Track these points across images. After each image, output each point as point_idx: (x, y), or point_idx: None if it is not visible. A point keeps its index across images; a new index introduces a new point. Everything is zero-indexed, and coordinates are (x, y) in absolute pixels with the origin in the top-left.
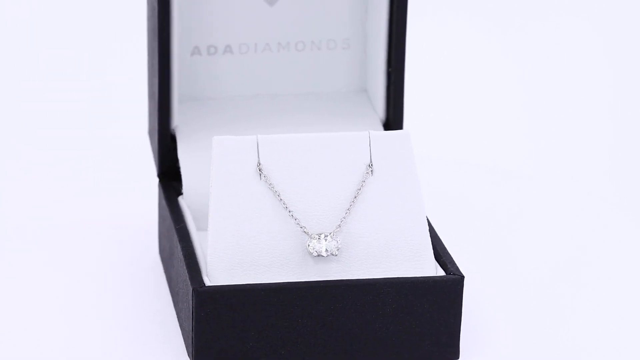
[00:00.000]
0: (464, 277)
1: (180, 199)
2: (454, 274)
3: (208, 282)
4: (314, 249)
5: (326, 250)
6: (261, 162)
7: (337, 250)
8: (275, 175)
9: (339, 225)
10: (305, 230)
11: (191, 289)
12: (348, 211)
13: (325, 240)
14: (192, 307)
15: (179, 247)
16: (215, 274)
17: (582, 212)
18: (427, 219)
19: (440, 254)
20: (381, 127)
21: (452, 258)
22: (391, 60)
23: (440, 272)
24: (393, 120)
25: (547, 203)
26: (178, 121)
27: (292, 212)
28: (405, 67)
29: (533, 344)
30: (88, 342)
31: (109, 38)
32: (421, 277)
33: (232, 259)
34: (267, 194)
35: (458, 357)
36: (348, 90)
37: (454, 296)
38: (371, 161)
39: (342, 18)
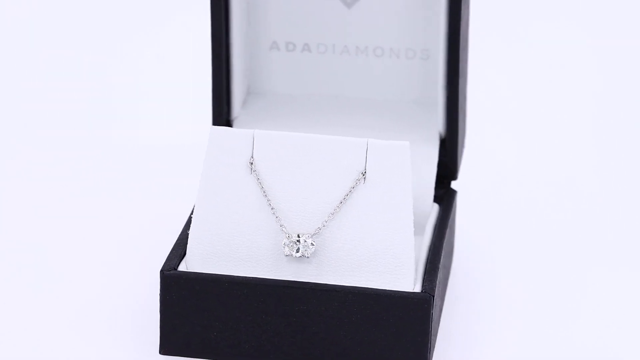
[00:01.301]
0: (432, 296)
1: None
2: (425, 292)
3: (184, 268)
4: (286, 248)
5: (298, 251)
6: (254, 157)
7: (311, 253)
8: (266, 172)
9: (319, 229)
10: (284, 229)
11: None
12: (332, 216)
13: (299, 241)
14: (159, 289)
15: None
16: (192, 261)
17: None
18: (450, 229)
19: (430, 270)
20: (437, 141)
21: (436, 276)
22: (448, 74)
23: (419, 289)
24: (448, 134)
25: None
26: (240, 112)
27: (274, 210)
28: (458, 82)
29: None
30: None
31: (109, 38)
32: (387, 290)
33: (209, 248)
34: (254, 189)
35: None
36: (423, 102)
37: (420, 314)
38: (365, 169)
39: (422, 28)
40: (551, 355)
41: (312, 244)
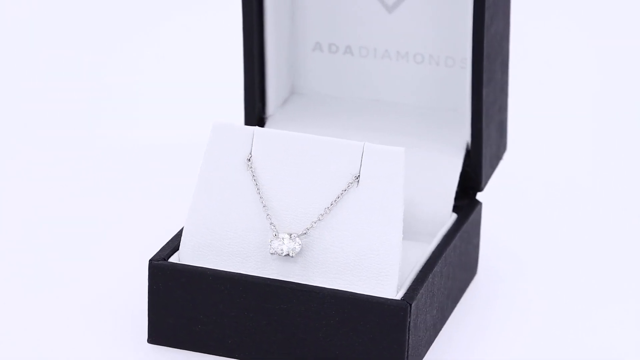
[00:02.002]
0: (410, 304)
1: None
2: (403, 299)
3: (177, 259)
4: (272, 247)
5: (282, 250)
6: (253, 154)
7: (296, 253)
8: (262, 169)
9: (307, 229)
10: (273, 227)
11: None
12: (321, 217)
13: (285, 240)
14: (147, 278)
15: None
16: (184, 253)
17: None
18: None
19: (418, 278)
20: (463, 151)
21: (423, 285)
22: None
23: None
24: (472, 145)
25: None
26: (276, 111)
27: (266, 208)
28: (482, 91)
29: None
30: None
31: (109, 38)
32: (365, 295)
33: (202, 241)
34: (249, 185)
35: None
36: (460, 111)
37: (396, 322)
38: (359, 173)
39: (462, 37)
40: None
41: (298, 244)
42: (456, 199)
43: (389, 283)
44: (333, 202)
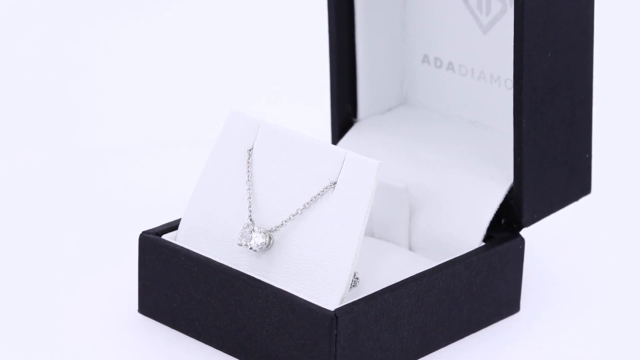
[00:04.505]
0: (337, 317)
1: None
2: (334, 310)
3: (173, 236)
4: (240, 239)
5: (248, 244)
6: (254, 146)
7: (260, 248)
8: (258, 162)
9: (277, 227)
10: (250, 219)
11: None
12: (292, 217)
13: (253, 235)
14: (137, 250)
15: None
16: (180, 231)
17: None
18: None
19: (373, 295)
20: (510, 182)
21: (371, 301)
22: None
23: None
24: (515, 175)
25: None
26: (367, 116)
27: (250, 200)
28: (522, 119)
29: None
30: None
31: (109, 38)
32: (300, 299)
33: (197, 223)
34: (244, 176)
35: None
36: None
37: (322, 331)
38: (337, 179)
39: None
40: None
41: (265, 240)
42: (500, 230)
43: (335, 291)
44: (306, 205)
